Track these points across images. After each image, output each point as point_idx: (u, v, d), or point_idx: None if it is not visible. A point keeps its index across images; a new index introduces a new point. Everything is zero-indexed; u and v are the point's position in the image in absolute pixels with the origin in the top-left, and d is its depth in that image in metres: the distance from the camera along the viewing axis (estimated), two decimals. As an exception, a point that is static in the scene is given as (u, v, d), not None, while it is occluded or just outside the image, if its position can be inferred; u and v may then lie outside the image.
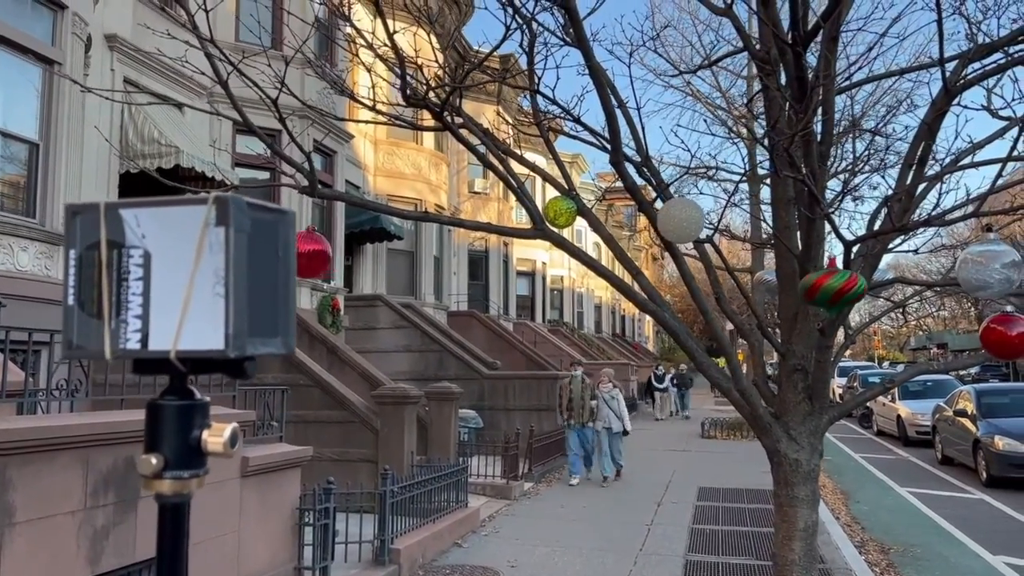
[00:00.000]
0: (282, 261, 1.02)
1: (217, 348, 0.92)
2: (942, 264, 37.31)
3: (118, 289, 0.96)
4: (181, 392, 1.00)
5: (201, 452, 0.98)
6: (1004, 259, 3.29)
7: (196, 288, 0.92)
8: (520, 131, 4.58)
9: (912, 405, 20.39)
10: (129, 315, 0.95)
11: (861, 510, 11.98)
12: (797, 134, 3.16)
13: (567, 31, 4.21)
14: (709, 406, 32.28)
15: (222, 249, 0.92)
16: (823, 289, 3.38)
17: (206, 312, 0.92)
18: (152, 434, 0.98)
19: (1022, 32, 3.36)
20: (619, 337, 51.16)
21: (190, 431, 0.98)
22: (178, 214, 0.95)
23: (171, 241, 0.94)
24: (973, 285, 3.44)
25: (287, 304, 1.02)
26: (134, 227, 0.95)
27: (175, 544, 1.01)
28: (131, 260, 0.95)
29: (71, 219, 0.98)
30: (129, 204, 0.97)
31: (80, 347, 0.97)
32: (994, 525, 10.94)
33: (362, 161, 21.19)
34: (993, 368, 38.89)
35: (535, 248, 33.60)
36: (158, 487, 0.98)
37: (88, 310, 0.96)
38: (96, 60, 12.01)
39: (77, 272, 0.98)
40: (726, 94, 18.43)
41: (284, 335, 1.01)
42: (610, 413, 13.82)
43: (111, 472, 5.34)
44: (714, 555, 8.95)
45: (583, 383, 14.19)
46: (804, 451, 3.98)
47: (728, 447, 19.93)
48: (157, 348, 0.94)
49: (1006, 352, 3.48)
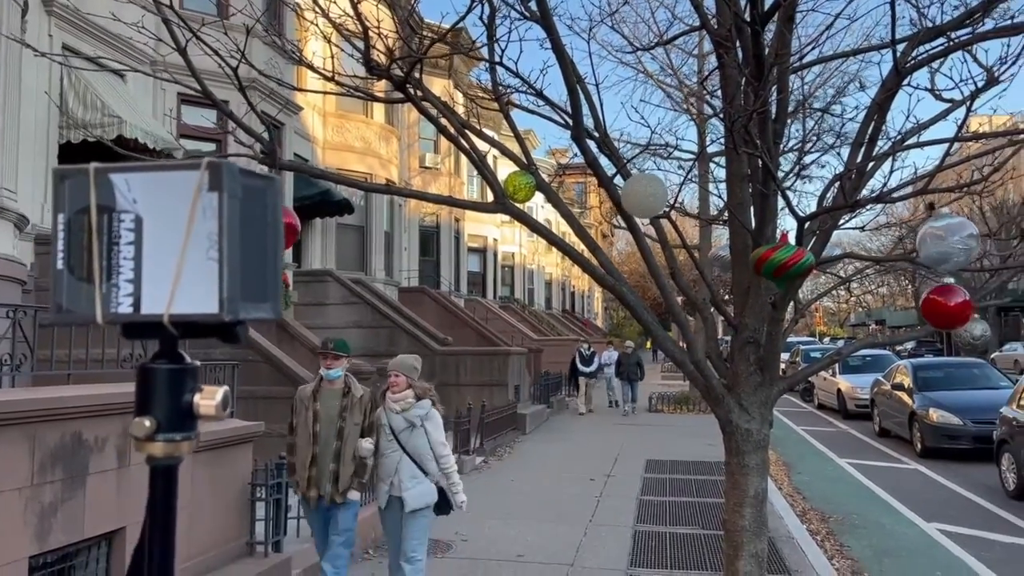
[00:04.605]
0: (271, 227, 1.03)
1: (211, 312, 0.93)
2: (881, 243, 38.35)
3: (109, 253, 0.96)
4: (172, 356, 1.00)
5: (192, 415, 0.99)
6: (963, 231, 3.43)
7: (189, 252, 0.93)
8: (479, 106, 4.57)
9: (852, 379, 21.01)
10: (120, 279, 0.95)
11: (803, 481, 12.36)
12: (756, 111, 3.24)
13: (526, 4, 4.21)
14: (656, 380, 32.81)
15: (215, 214, 0.93)
16: (769, 262, 3.50)
17: (199, 276, 0.93)
18: (144, 397, 0.98)
19: (968, 16, 3.49)
20: (569, 314, 51.56)
21: (182, 394, 0.99)
22: (170, 179, 0.95)
23: (163, 206, 0.95)
24: (935, 259, 3.57)
25: (275, 270, 1.03)
26: (125, 191, 0.95)
27: (166, 505, 1.02)
28: (122, 225, 0.96)
29: (59, 183, 0.98)
30: (119, 168, 0.97)
31: (70, 311, 0.97)
32: (928, 494, 11.39)
33: (311, 134, 20.87)
34: (928, 343, 40.25)
35: (486, 224, 33.58)
36: (150, 449, 0.98)
37: (78, 274, 0.96)
38: (33, 25, 11.57)
39: (66, 236, 0.97)
40: (677, 72, 18.59)
41: (273, 300, 1.03)
42: (402, 464, 5.80)
43: (59, 448, 5.24)
44: (662, 525, 9.16)
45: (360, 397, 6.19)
46: (755, 421, 4.11)
47: (674, 420, 20.33)
48: (150, 312, 0.94)
49: (946, 322, 3.64)
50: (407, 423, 5.72)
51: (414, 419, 5.72)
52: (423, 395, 5.82)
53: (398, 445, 5.70)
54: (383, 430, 5.79)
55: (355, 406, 5.74)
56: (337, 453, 5.66)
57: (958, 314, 3.54)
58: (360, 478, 5.77)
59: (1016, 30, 3.47)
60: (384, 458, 5.76)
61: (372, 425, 5.80)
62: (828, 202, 3.98)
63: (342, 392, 5.79)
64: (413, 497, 5.64)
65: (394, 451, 5.71)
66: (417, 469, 5.70)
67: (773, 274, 3.45)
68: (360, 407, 5.76)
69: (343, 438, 5.66)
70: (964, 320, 3.58)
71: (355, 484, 5.71)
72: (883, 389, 17.66)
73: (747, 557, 4.15)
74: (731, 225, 4.34)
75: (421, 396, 5.81)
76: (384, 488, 5.79)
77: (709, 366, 4.17)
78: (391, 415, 5.77)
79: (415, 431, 5.73)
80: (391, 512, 5.82)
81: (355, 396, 5.76)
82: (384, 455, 5.76)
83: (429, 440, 5.74)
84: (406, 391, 5.75)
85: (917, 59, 3.63)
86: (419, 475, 5.71)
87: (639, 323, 4.32)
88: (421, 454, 5.71)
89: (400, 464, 5.69)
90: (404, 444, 5.70)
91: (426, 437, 5.73)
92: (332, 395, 5.81)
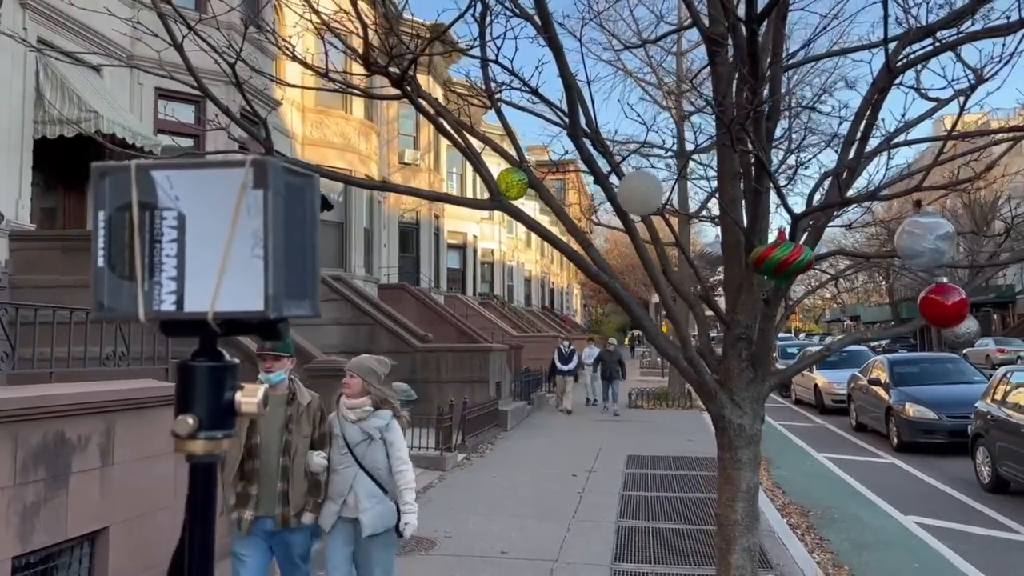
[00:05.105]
0: (309, 224, 1.03)
1: (257, 309, 0.93)
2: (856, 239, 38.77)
3: (151, 251, 0.95)
4: (212, 354, 1.00)
5: (233, 412, 0.99)
6: (938, 231, 3.50)
7: (234, 250, 0.93)
8: (468, 103, 4.57)
9: (829, 375, 21.23)
10: (163, 277, 0.95)
11: (782, 475, 12.48)
12: (754, 109, 3.27)
13: (515, 1, 4.22)
14: (635, 377, 32.97)
15: (260, 212, 0.93)
16: (769, 260, 3.54)
17: (244, 274, 0.93)
18: (185, 395, 0.98)
19: (958, 16, 3.54)
20: (548, 310, 51.67)
21: (223, 392, 0.99)
22: (213, 176, 0.95)
23: (206, 203, 0.94)
24: (906, 253, 3.65)
25: (314, 267, 1.03)
26: (167, 189, 0.95)
27: (206, 502, 1.02)
28: (165, 222, 0.95)
29: (99, 180, 0.97)
30: (161, 166, 0.96)
31: (112, 309, 0.97)
32: (905, 487, 11.55)
33: (290, 130, 20.74)
34: (902, 339, 40.82)
35: (466, 221, 33.54)
36: (191, 447, 0.98)
37: (119, 272, 0.95)
38: (7, 18, 11.39)
39: (107, 233, 0.96)
40: (656, 70, 18.68)
41: (311, 297, 1.03)
42: (358, 481, 5.00)
43: (42, 447, 5.18)
44: (645, 520, 9.21)
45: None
46: (747, 416, 4.16)
47: (654, 416, 20.45)
48: (193, 310, 0.94)
49: (944, 320, 3.71)
50: (364, 435, 4.88)
51: (371, 431, 4.88)
52: (383, 404, 4.95)
53: (353, 459, 4.88)
54: (336, 441, 4.94)
55: (302, 415, 4.87)
56: (285, 471, 4.79)
57: (956, 313, 3.62)
58: (315, 497, 4.89)
59: (1002, 31, 3.53)
60: (336, 474, 4.89)
61: (324, 436, 4.97)
62: (817, 200, 4.03)
63: (286, 400, 4.87)
64: (372, 519, 4.81)
65: (348, 466, 4.87)
66: (376, 487, 4.86)
67: (773, 272, 3.49)
68: (308, 416, 4.90)
69: (291, 454, 4.80)
70: (961, 318, 3.66)
71: (310, 505, 4.87)
72: (860, 384, 17.87)
73: (739, 551, 4.20)
74: (723, 222, 4.38)
75: (380, 405, 4.93)
76: (333, 509, 4.88)
77: (702, 362, 4.20)
78: (345, 424, 4.92)
79: (373, 444, 4.88)
80: (338, 537, 4.92)
81: (301, 404, 4.89)
82: (336, 471, 4.89)
83: (389, 455, 4.91)
84: (362, 397, 4.90)
85: (908, 58, 3.68)
86: (378, 494, 4.85)
87: (632, 319, 4.34)
88: (379, 470, 4.89)
89: (356, 481, 4.84)
90: (360, 459, 4.88)
91: (385, 450, 4.90)
92: (275, 403, 4.81)
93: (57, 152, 12.43)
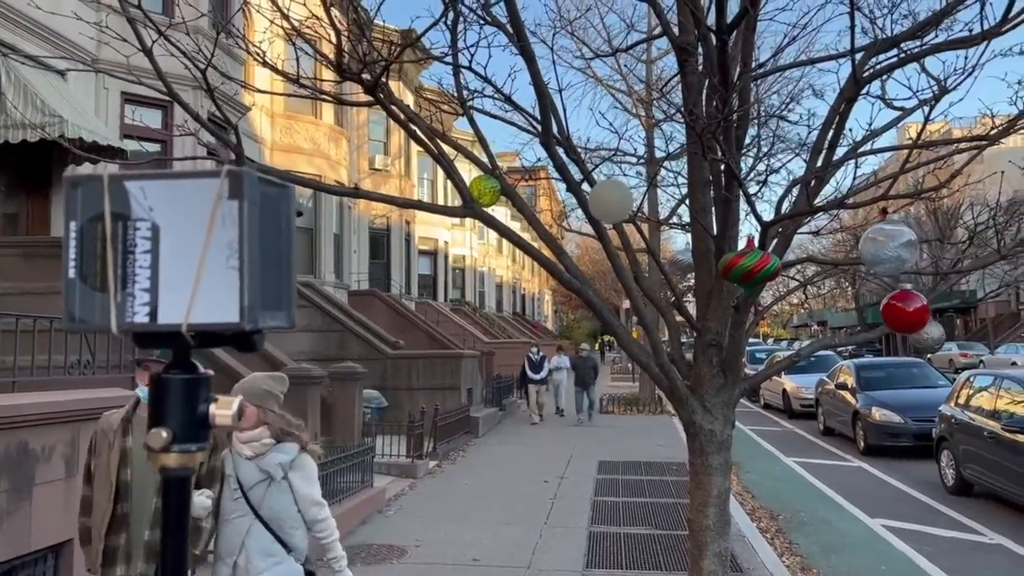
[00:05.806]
0: (284, 235, 1.02)
1: (232, 321, 0.92)
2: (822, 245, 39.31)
3: (124, 262, 0.94)
4: (186, 366, 0.99)
5: (207, 425, 0.98)
6: (900, 239, 3.57)
7: (209, 261, 0.92)
8: (439, 109, 4.58)
9: (797, 379, 21.45)
10: (136, 288, 0.94)
11: (751, 479, 12.59)
12: (724, 118, 3.31)
13: (487, 10, 4.23)
14: (606, 382, 33.09)
15: (235, 222, 0.92)
16: (737, 268, 3.58)
17: (219, 285, 0.92)
18: (159, 408, 0.97)
19: (921, 28, 3.62)
20: (519, 316, 51.69)
21: (197, 405, 0.98)
22: (188, 187, 0.94)
23: (180, 214, 0.93)
24: (870, 260, 3.72)
25: (290, 278, 1.02)
26: (141, 199, 0.93)
27: (179, 515, 1.01)
28: (138, 233, 0.94)
29: (71, 190, 0.96)
30: (135, 176, 0.95)
31: (84, 321, 0.95)
32: (872, 491, 11.71)
33: (259, 135, 20.57)
34: (868, 344, 41.41)
35: (437, 227, 33.47)
36: (164, 460, 0.97)
37: (91, 283, 0.94)
38: (-32, 20, 11.18)
39: (78, 244, 0.95)
40: (627, 77, 18.82)
41: (287, 309, 1.02)
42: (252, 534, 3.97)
43: (4, 458, 5.08)
44: (616, 526, 9.24)
45: None
46: (718, 422, 4.20)
47: (624, 421, 20.54)
48: (167, 322, 0.93)
49: (905, 326, 3.78)
50: (262, 474, 3.91)
51: (271, 469, 3.92)
52: (284, 435, 3.99)
53: (248, 506, 3.90)
54: (228, 482, 3.96)
55: None
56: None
57: (916, 320, 3.69)
58: (193, 549, 3.88)
59: (964, 43, 3.61)
60: (227, 525, 3.93)
61: (214, 471, 3.97)
62: (786, 207, 4.08)
63: None
64: None
65: (241, 515, 3.90)
66: (274, 543, 3.88)
67: (741, 279, 3.54)
68: None
69: None
70: (922, 324, 3.74)
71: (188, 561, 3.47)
72: (827, 389, 18.08)
73: (711, 556, 4.23)
74: (694, 230, 4.43)
75: (281, 437, 3.97)
76: (224, 571, 3.91)
77: (673, 368, 4.24)
78: (239, 462, 3.95)
79: (273, 486, 3.91)
80: None
81: None
82: (227, 521, 3.93)
83: (296, 499, 3.95)
84: (258, 428, 3.91)
85: (874, 68, 3.75)
86: (277, 552, 3.88)
87: (603, 325, 4.37)
88: (281, 520, 3.91)
89: (249, 534, 3.86)
90: (256, 506, 3.89)
91: (291, 495, 3.94)
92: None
93: (20, 157, 12.21)
